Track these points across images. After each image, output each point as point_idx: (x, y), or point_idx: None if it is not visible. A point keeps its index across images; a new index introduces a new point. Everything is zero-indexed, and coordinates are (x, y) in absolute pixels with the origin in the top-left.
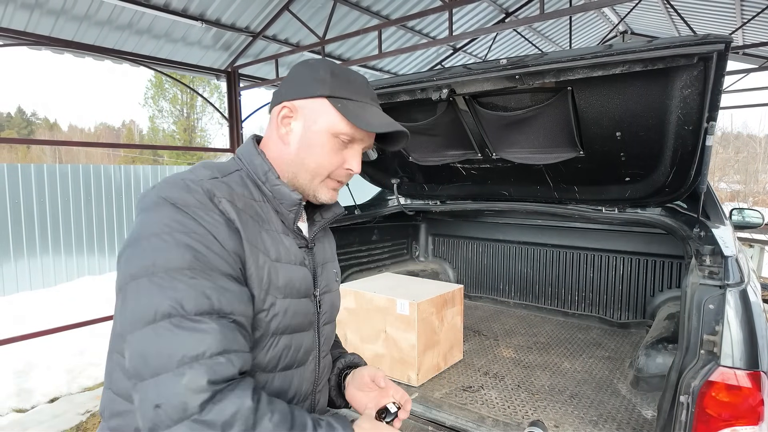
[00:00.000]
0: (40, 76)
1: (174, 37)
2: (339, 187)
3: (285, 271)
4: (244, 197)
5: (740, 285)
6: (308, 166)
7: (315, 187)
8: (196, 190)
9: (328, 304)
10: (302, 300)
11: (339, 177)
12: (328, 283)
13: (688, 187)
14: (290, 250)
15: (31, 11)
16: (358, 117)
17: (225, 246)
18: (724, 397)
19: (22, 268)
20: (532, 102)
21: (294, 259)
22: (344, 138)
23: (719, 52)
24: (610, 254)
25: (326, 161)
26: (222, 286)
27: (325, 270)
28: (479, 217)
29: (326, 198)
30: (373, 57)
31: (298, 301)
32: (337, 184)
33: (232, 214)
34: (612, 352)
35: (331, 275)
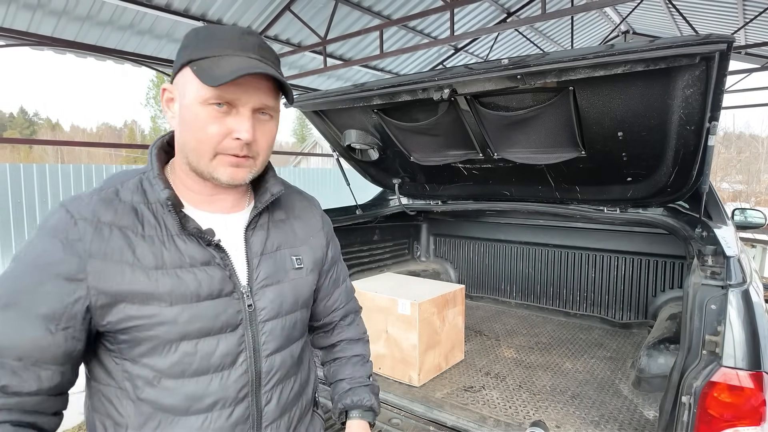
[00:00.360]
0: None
1: (176, 37)
2: (240, 162)
3: (170, 278)
4: (129, 206)
5: (742, 285)
6: (190, 145)
7: (208, 167)
8: (58, 216)
9: (270, 298)
10: (207, 302)
11: (230, 150)
12: (273, 274)
13: (690, 187)
14: (184, 253)
15: (33, 12)
16: (207, 73)
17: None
18: (726, 398)
19: None
20: (533, 102)
21: (191, 261)
22: (213, 103)
23: (721, 51)
24: (612, 254)
25: (204, 135)
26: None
27: (267, 260)
28: (481, 217)
29: (225, 177)
30: (375, 57)
31: (197, 305)
32: (233, 159)
33: (88, 235)
34: (614, 353)
35: (283, 264)
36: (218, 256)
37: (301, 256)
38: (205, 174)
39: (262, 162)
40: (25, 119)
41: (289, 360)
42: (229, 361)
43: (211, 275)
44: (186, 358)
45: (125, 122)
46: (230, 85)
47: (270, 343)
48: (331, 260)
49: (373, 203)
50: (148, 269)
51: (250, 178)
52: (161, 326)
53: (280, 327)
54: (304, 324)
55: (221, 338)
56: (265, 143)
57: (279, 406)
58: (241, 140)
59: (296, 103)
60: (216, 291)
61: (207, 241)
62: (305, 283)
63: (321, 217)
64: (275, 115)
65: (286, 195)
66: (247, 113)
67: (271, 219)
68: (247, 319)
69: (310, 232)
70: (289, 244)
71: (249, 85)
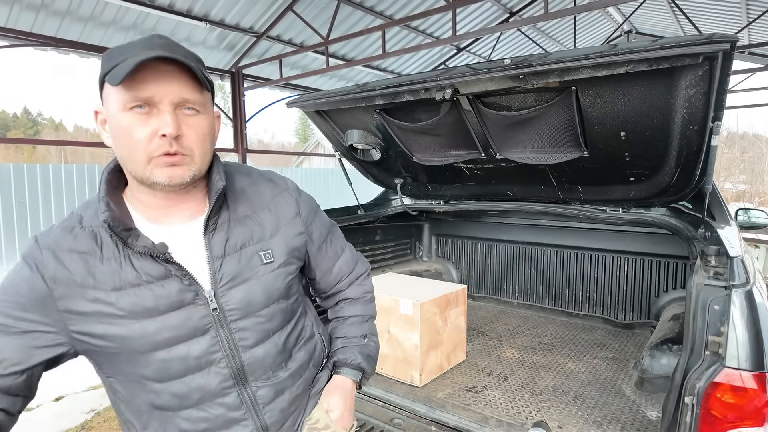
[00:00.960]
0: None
1: (178, 37)
2: (174, 161)
3: (129, 297)
4: (89, 232)
5: (746, 286)
6: (124, 155)
7: (145, 172)
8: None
9: (238, 298)
10: (170, 314)
11: (160, 149)
12: (238, 274)
13: (693, 187)
14: (140, 271)
15: (36, 12)
16: (114, 75)
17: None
18: (729, 399)
19: None
20: (536, 102)
21: (147, 278)
22: (133, 106)
23: (725, 51)
24: (615, 254)
25: (132, 141)
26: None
27: (230, 261)
28: (483, 217)
29: (163, 179)
30: (377, 57)
31: (162, 317)
32: (166, 159)
33: (51, 263)
34: (616, 353)
35: (249, 262)
36: (173, 268)
37: (271, 249)
38: (146, 180)
39: (201, 158)
40: (28, 119)
41: (273, 349)
42: (205, 361)
43: (168, 289)
44: (164, 364)
45: None
46: (143, 83)
47: (247, 340)
48: (319, 239)
49: (375, 203)
50: (108, 291)
51: (190, 176)
52: (131, 341)
53: (254, 323)
54: (285, 313)
55: (192, 343)
56: (196, 137)
57: (272, 389)
58: (166, 136)
59: (298, 104)
60: (176, 302)
61: (158, 256)
62: (276, 277)
63: (295, 201)
64: (202, 109)
65: (252, 186)
66: (167, 108)
67: (233, 217)
68: (216, 322)
69: (282, 221)
70: (255, 239)
71: (163, 81)
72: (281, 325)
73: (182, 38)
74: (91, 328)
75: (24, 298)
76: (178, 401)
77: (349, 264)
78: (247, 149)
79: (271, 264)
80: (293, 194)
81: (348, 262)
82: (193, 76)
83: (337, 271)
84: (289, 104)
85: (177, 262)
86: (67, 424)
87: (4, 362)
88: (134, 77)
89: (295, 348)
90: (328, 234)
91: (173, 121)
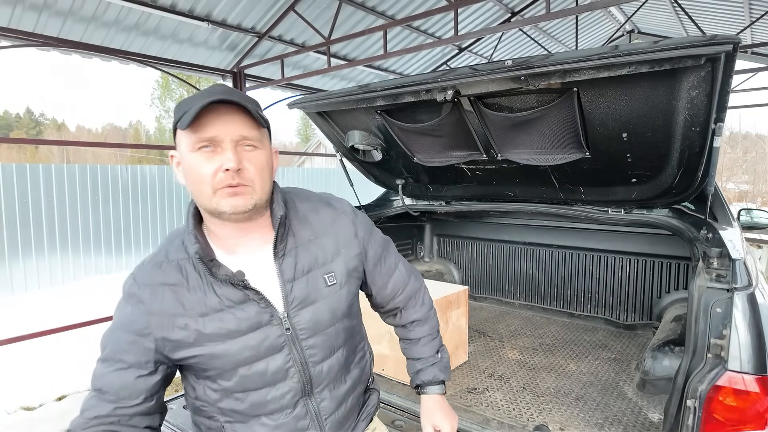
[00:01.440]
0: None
1: (180, 37)
2: (237, 191)
3: (214, 322)
4: (175, 265)
5: (748, 288)
6: (195, 190)
7: (212, 203)
8: (128, 283)
9: (308, 318)
10: (250, 335)
11: (224, 182)
12: (307, 296)
13: (695, 188)
14: (222, 297)
15: (39, 12)
16: (183, 121)
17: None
18: (731, 402)
19: (30, 267)
20: (537, 103)
21: (229, 303)
22: (199, 145)
23: (727, 53)
24: (617, 255)
25: (200, 177)
26: (103, 371)
27: (300, 284)
28: (484, 218)
29: (228, 207)
30: (379, 57)
31: (244, 337)
32: (229, 189)
33: (147, 297)
34: (618, 354)
35: (315, 284)
36: (251, 293)
37: (334, 271)
38: (213, 211)
39: (261, 188)
40: (31, 119)
41: (336, 365)
42: (281, 376)
43: (247, 312)
44: (245, 379)
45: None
46: (207, 126)
47: (316, 356)
48: (374, 258)
49: (377, 204)
50: (196, 317)
51: (252, 204)
52: (217, 360)
53: (321, 341)
54: (347, 330)
55: (270, 359)
56: (255, 170)
57: (334, 401)
58: (229, 170)
59: (299, 105)
60: (255, 324)
61: (237, 283)
62: (340, 298)
63: (353, 223)
64: (260, 144)
65: (313, 212)
66: (229, 146)
67: (299, 242)
68: (289, 340)
69: (342, 244)
70: (319, 263)
71: (223, 122)
72: (344, 342)
73: (184, 38)
74: (184, 352)
75: (131, 335)
76: (255, 410)
77: (404, 279)
78: None
79: (334, 286)
80: (350, 216)
81: (402, 277)
82: (250, 116)
83: (393, 287)
84: (290, 105)
85: (254, 288)
86: (69, 424)
87: (133, 395)
88: (199, 121)
89: (352, 364)
90: (383, 251)
91: (234, 156)
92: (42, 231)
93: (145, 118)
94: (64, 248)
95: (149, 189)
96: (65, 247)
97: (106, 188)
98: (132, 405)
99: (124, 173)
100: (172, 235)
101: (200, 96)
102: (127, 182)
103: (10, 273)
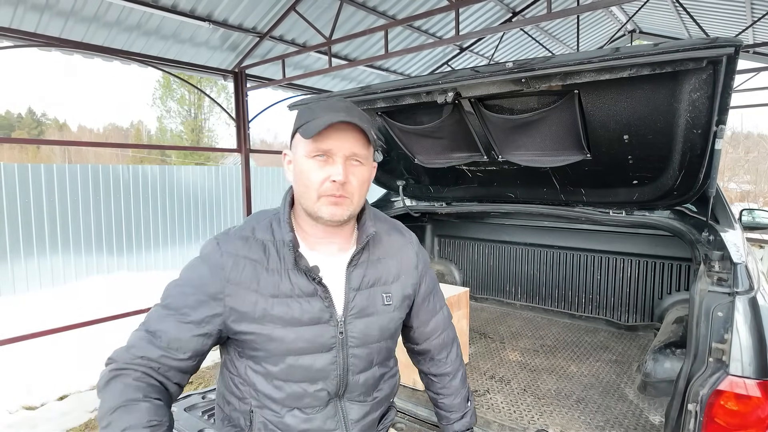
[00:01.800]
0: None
1: (182, 37)
2: (338, 201)
3: (282, 305)
4: (260, 243)
5: (750, 292)
6: (301, 191)
7: (314, 207)
8: (210, 247)
9: (360, 328)
10: (308, 327)
11: (329, 191)
12: (365, 308)
13: (696, 190)
14: (294, 285)
15: (41, 13)
16: (306, 130)
17: (200, 292)
18: (733, 406)
19: (32, 266)
20: (538, 105)
21: (299, 292)
22: (314, 154)
23: (729, 55)
24: (618, 256)
25: (309, 182)
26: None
27: (361, 295)
28: (485, 219)
29: (326, 214)
30: (380, 57)
31: (301, 328)
32: (332, 199)
33: (229, 265)
34: (619, 356)
35: (374, 300)
36: (320, 290)
37: (392, 293)
38: (313, 214)
39: (358, 200)
40: (33, 120)
41: (371, 379)
42: (322, 375)
43: (312, 305)
44: (290, 368)
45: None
46: (325, 139)
47: (357, 365)
48: (425, 293)
49: (378, 205)
50: (267, 297)
51: (348, 214)
52: (272, 343)
53: (365, 353)
54: (388, 351)
55: (318, 356)
56: (357, 184)
57: (362, 410)
58: (336, 181)
59: (300, 107)
60: (315, 318)
61: (312, 277)
62: (391, 319)
63: (416, 254)
64: (365, 161)
65: (386, 234)
66: (340, 160)
67: (370, 257)
68: (339, 344)
69: (403, 271)
70: (382, 281)
71: (339, 138)
72: (382, 360)
73: (186, 38)
74: (245, 326)
75: (203, 295)
76: (291, 400)
77: (444, 324)
78: (250, 149)
79: (389, 306)
80: (415, 248)
81: (443, 322)
82: (364, 135)
83: (433, 326)
84: (291, 107)
85: (325, 285)
86: (71, 423)
87: (181, 350)
88: (319, 132)
89: (382, 381)
90: (434, 289)
91: (344, 170)
92: (44, 231)
93: (147, 118)
94: (65, 248)
95: (150, 189)
96: (67, 247)
97: (108, 188)
98: (177, 358)
99: (125, 173)
100: (260, 216)
101: (324, 109)
102: (129, 182)
103: (12, 273)
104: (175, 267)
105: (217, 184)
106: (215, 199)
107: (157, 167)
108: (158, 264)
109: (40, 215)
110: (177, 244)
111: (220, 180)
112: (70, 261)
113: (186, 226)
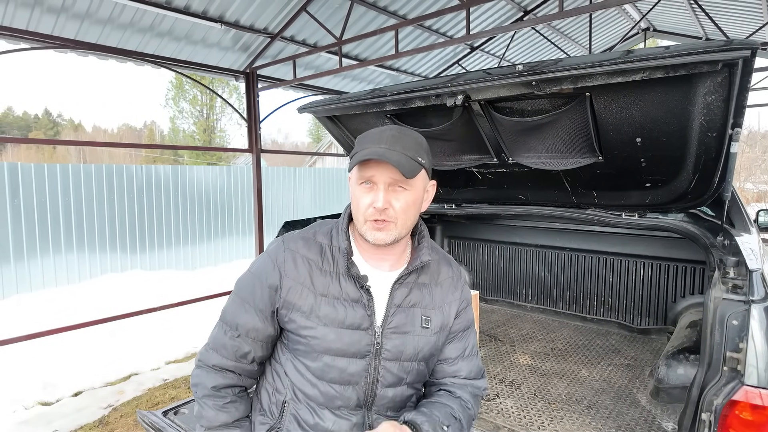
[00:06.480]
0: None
1: (194, 38)
2: (380, 226)
3: (329, 305)
4: (318, 245)
5: (766, 300)
6: (354, 212)
7: (362, 229)
8: (276, 244)
9: (395, 343)
10: (348, 331)
11: (372, 216)
12: (402, 325)
13: (711, 193)
14: (343, 289)
15: (57, 15)
16: (353, 159)
17: (263, 283)
18: (748, 416)
19: (47, 265)
20: (549, 107)
21: (345, 296)
22: (361, 181)
23: (745, 58)
24: (631, 258)
25: (357, 206)
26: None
27: (401, 313)
28: (496, 220)
29: (370, 237)
30: (390, 57)
31: (342, 330)
32: (374, 224)
33: (288, 261)
34: (631, 360)
35: (413, 320)
36: (365, 298)
37: (431, 317)
38: (362, 235)
39: (403, 224)
40: (49, 120)
41: (398, 396)
42: (354, 380)
43: (356, 311)
44: (326, 367)
45: (145, 123)
46: (369, 167)
47: (387, 378)
48: (459, 328)
49: None
50: (317, 295)
51: (392, 238)
52: (314, 339)
53: (397, 368)
54: (419, 374)
55: (351, 361)
56: (401, 209)
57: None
58: (376, 208)
59: (310, 109)
60: (356, 324)
61: (360, 285)
62: (427, 342)
63: (461, 289)
64: (410, 186)
65: (437, 263)
66: (381, 187)
67: (417, 280)
68: (373, 354)
69: (446, 300)
70: (423, 305)
71: (381, 167)
72: (413, 381)
73: (198, 40)
74: (293, 315)
75: (265, 286)
76: (323, 400)
77: (472, 369)
78: (261, 149)
79: (427, 330)
80: (461, 282)
81: (472, 367)
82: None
83: (457, 367)
84: (300, 109)
85: (372, 294)
86: (85, 419)
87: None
88: (364, 162)
89: (410, 402)
90: (467, 329)
91: (384, 197)
92: (59, 229)
93: (160, 119)
94: (80, 247)
95: (163, 189)
96: (81, 246)
97: (122, 188)
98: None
99: (138, 173)
100: (324, 223)
101: (372, 141)
102: (142, 182)
103: (28, 270)
104: (187, 266)
105: (229, 184)
106: (227, 199)
107: (169, 167)
108: (170, 263)
109: (55, 214)
110: (189, 243)
111: (232, 180)
112: (84, 259)
113: (198, 226)
